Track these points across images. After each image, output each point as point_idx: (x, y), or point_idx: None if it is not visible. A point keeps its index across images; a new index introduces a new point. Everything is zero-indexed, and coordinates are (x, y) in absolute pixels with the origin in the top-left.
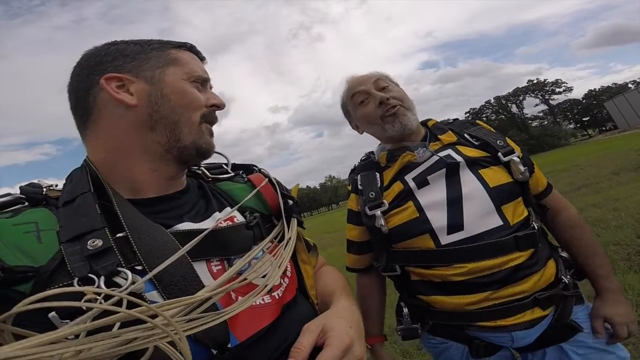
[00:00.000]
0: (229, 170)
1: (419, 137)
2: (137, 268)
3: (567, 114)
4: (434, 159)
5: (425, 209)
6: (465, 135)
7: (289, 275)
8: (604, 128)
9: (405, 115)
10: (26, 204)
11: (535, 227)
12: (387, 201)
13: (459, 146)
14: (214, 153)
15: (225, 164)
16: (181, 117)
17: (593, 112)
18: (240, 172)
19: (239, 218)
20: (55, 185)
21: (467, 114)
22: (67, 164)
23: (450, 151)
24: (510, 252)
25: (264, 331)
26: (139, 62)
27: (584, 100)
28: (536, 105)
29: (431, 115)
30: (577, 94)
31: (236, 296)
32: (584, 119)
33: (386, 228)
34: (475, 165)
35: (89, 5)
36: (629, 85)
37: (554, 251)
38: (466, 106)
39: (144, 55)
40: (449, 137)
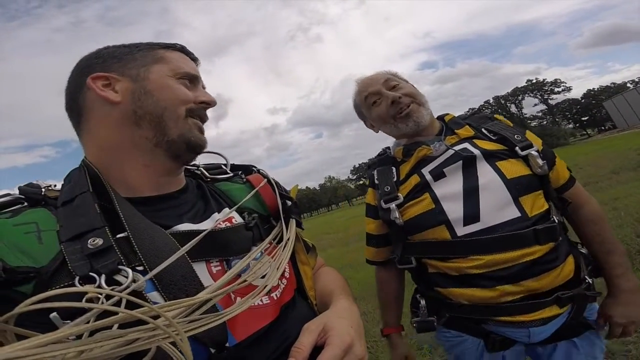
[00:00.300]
0: (228, 171)
1: (434, 131)
2: (138, 268)
3: (566, 114)
4: (450, 153)
5: (441, 200)
6: (483, 130)
7: (287, 276)
8: (603, 128)
9: (418, 112)
10: (25, 204)
11: (556, 221)
12: (403, 194)
13: (475, 140)
14: (214, 154)
15: (224, 165)
16: (165, 112)
17: (592, 112)
18: (239, 173)
19: (237, 219)
20: (54, 185)
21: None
22: (67, 166)
23: (466, 144)
24: (529, 246)
25: (263, 331)
26: (125, 62)
27: (582, 100)
28: (535, 105)
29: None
30: (576, 93)
31: (235, 297)
32: (583, 119)
33: (401, 220)
34: (492, 157)
35: (87, 7)
36: (628, 85)
37: (573, 247)
38: (465, 106)
39: (130, 56)
40: (466, 132)
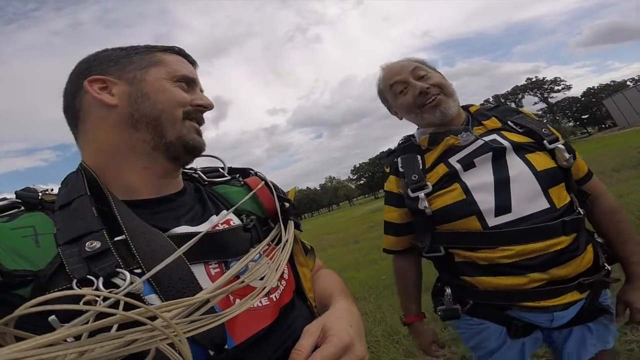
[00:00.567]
0: (225, 174)
1: (460, 122)
2: (136, 271)
3: (566, 112)
4: (479, 143)
5: (472, 191)
6: (509, 122)
7: (286, 277)
8: (603, 126)
9: (446, 103)
10: (22, 208)
11: (581, 213)
12: (431, 183)
13: (504, 131)
14: (212, 157)
15: (222, 168)
16: (162, 114)
17: (592, 110)
18: (237, 176)
19: (235, 221)
20: (51, 189)
21: None
22: (67, 170)
23: (495, 136)
24: (557, 236)
25: (262, 333)
26: (122, 65)
27: (582, 98)
28: (535, 103)
29: None
30: (576, 92)
31: (234, 298)
32: (583, 117)
33: (430, 210)
34: (521, 150)
35: (84, 9)
36: (628, 83)
37: (591, 236)
38: None
39: (127, 59)
40: (493, 123)
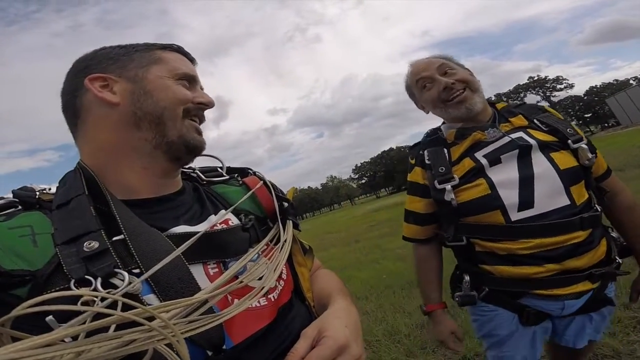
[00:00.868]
0: (224, 174)
1: (486, 118)
2: (135, 271)
3: (569, 111)
4: (506, 140)
5: (497, 187)
6: (535, 121)
7: (284, 277)
8: (606, 125)
9: (471, 99)
10: (19, 207)
11: (599, 210)
12: (458, 176)
13: (530, 129)
14: (210, 157)
15: (220, 167)
16: (164, 112)
17: (595, 109)
18: (235, 176)
19: (233, 221)
20: (49, 188)
21: None
22: (69, 170)
23: (521, 133)
24: (575, 231)
25: (260, 333)
26: (122, 63)
27: (585, 97)
28: (537, 102)
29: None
30: (578, 90)
31: (232, 298)
32: (586, 116)
33: (456, 202)
34: (546, 148)
35: (84, 11)
36: (631, 82)
37: (605, 231)
38: None
39: (127, 57)
40: (520, 121)
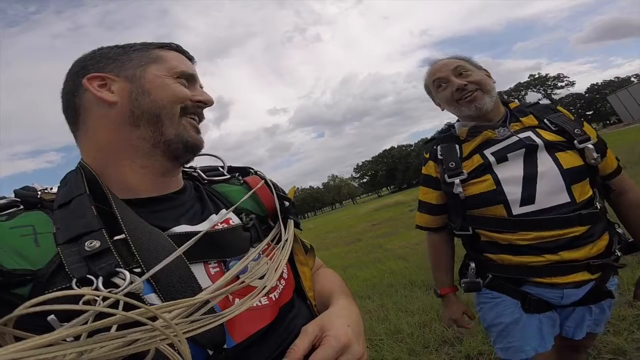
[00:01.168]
0: (225, 173)
1: (498, 116)
2: (136, 270)
3: (570, 109)
4: (514, 139)
5: (502, 183)
6: (545, 121)
7: (286, 277)
8: (608, 122)
9: (482, 99)
10: (21, 207)
11: (598, 207)
12: (467, 171)
13: (539, 129)
14: (211, 156)
15: (222, 167)
16: (162, 110)
17: (596, 106)
18: (236, 175)
19: (234, 220)
20: (50, 188)
21: None
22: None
23: (530, 133)
24: (572, 226)
25: (261, 332)
26: (121, 63)
27: (586, 95)
28: (539, 100)
29: (433, 113)
30: (579, 88)
31: (233, 298)
32: (587, 113)
33: (463, 195)
34: (552, 148)
35: (84, 12)
36: (632, 79)
37: (610, 227)
38: None
39: (125, 56)
40: (530, 120)
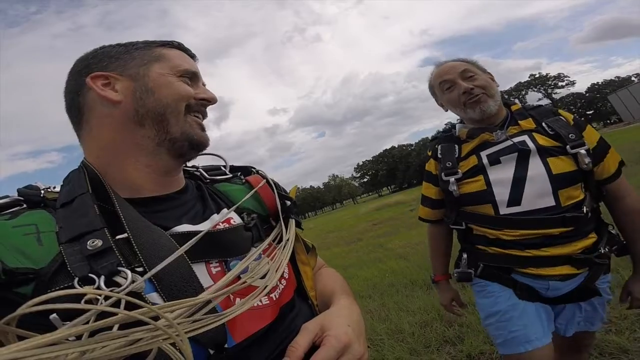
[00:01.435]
0: (227, 172)
1: (500, 119)
2: (138, 270)
3: (571, 108)
4: (508, 143)
5: (492, 184)
6: (543, 124)
7: (287, 276)
8: (608, 121)
9: (486, 102)
10: (24, 206)
11: (584, 211)
12: (462, 171)
13: (535, 133)
14: (213, 155)
15: (223, 166)
16: (167, 109)
17: (597, 106)
18: (238, 174)
19: (236, 219)
20: (53, 187)
21: None
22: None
23: (526, 137)
24: (555, 227)
25: (262, 332)
26: (123, 62)
27: (587, 94)
28: (539, 99)
29: (433, 112)
30: (580, 87)
31: (234, 298)
32: (588, 113)
33: (458, 192)
34: (545, 153)
35: (85, 13)
36: (632, 79)
37: (602, 227)
38: None
39: (128, 55)
40: (528, 124)
